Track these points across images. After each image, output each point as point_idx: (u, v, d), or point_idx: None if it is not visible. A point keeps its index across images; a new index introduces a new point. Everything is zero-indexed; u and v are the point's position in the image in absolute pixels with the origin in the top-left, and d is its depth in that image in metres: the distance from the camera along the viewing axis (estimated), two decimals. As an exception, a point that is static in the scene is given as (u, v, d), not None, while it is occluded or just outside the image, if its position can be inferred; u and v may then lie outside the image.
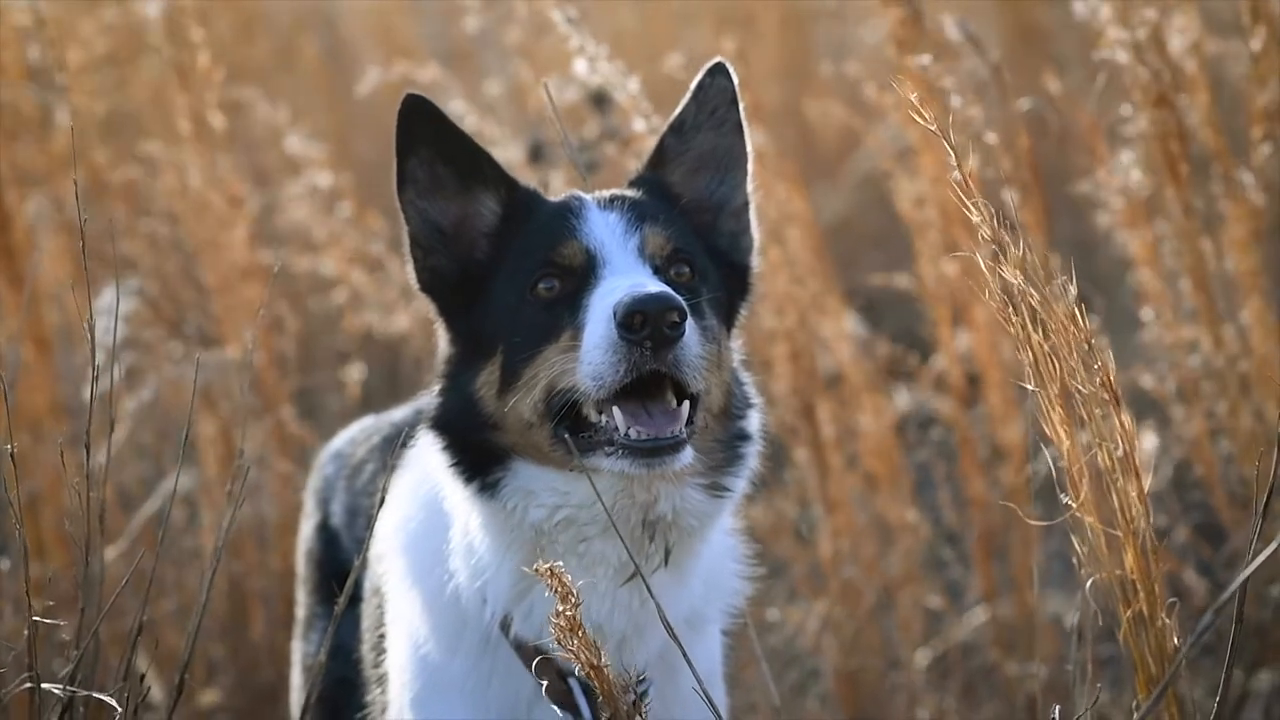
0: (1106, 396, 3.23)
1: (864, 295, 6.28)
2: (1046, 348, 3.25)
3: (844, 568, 5.57)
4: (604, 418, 3.48)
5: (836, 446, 5.60)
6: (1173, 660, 3.35)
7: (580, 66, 5.22)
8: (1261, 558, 3.17)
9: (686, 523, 3.59)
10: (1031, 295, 3.22)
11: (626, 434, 3.44)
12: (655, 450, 3.43)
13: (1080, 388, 3.24)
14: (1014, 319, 3.29)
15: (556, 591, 3.29)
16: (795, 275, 5.57)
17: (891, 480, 5.66)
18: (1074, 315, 3.26)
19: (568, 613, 3.29)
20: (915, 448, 6.15)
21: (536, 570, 3.32)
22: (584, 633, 3.31)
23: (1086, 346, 3.23)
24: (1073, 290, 3.25)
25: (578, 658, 3.31)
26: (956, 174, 3.23)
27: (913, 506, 5.73)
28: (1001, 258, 3.24)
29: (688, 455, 3.47)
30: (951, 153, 3.25)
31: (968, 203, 3.23)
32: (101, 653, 3.89)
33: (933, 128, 3.25)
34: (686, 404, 3.48)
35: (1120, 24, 5.21)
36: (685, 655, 3.49)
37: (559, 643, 3.32)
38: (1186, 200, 5.27)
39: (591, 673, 3.33)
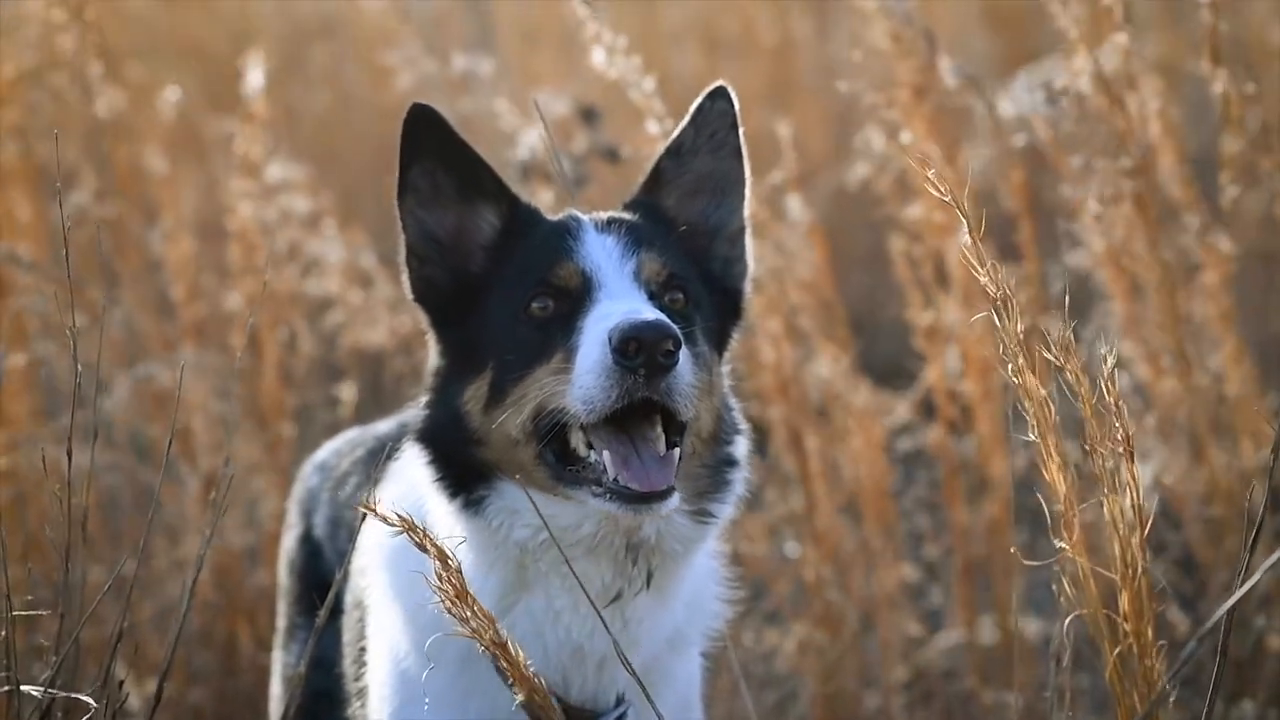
0: (1122, 451, 3.25)
1: (853, 316, 6.26)
2: (1046, 394, 3.26)
3: (827, 591, 5.57)
4: (592, 453, 3.48)
5: (822, 474, 5.59)
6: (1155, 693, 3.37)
7: (597, 56, 5.11)
8: (1243, 590, 3.18)
9: (670, 547, 3.58)
10: (1054, 362, 3.24)
11: (615, 479, 3.44)
12: (644, 498, 3.42)
13: (1096, 448, 3.26)
14: (1015, 374, 3.30)
15: (432, 554, 3.26)
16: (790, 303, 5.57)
17: (878, 507, 5.66)
18: (1107, 386, 3.26)
19: (452, 578, 3.26)
20: (901, 476, 6.15)
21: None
22: (478, 605, 3.29)
23: (1115, 407, 3.24)
24: (1111, 362, 3.26)
25: (471, 627, 3.28)
26: (967, 239, 3.24)
27: (898, 532, 5.73)
28: (1006, 317, 3.26)
29: (675, 500, 3.46)
30: (965, 220, 3.26)
31: (980, 270, 3.23)
32: (81, 659, 3.88)
33: (947, 198, 3.26)
34: (676, 451, 3.48)
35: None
36: (646, 693, 3.48)
37: (448, 612, 3.28)
38: (1156, 244, 5.30)
39: (496, 651, 3.31)
